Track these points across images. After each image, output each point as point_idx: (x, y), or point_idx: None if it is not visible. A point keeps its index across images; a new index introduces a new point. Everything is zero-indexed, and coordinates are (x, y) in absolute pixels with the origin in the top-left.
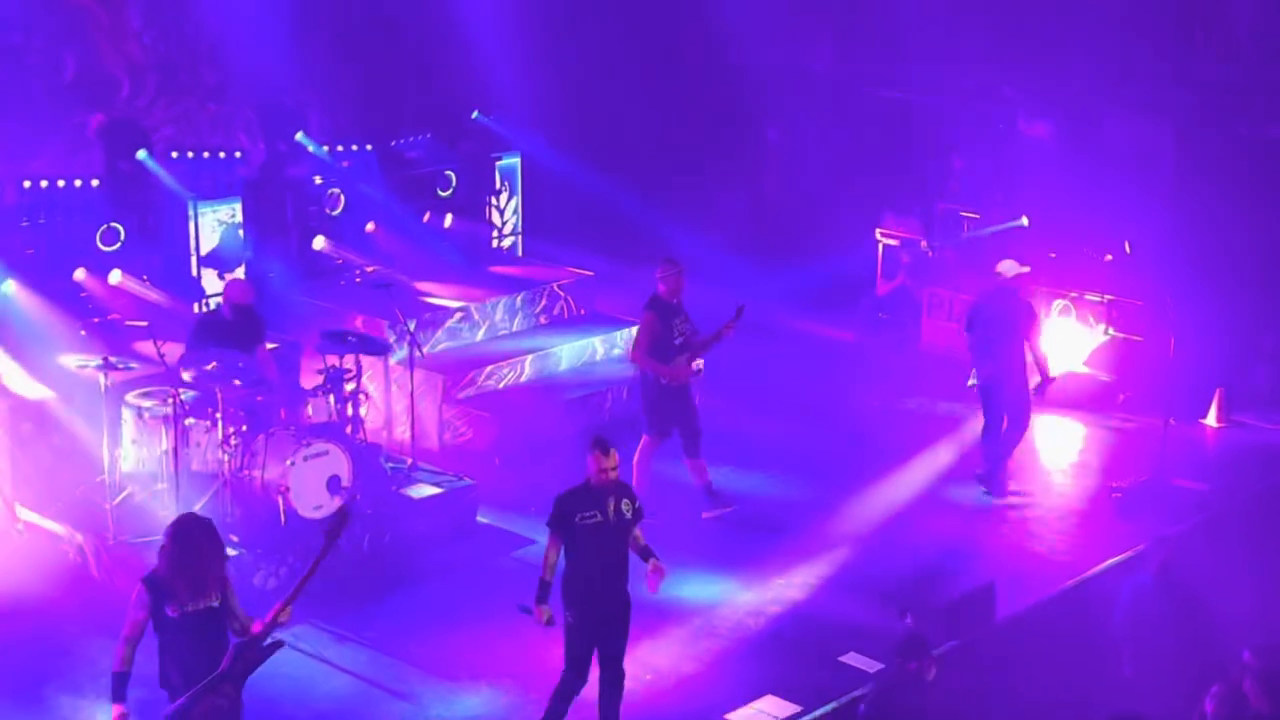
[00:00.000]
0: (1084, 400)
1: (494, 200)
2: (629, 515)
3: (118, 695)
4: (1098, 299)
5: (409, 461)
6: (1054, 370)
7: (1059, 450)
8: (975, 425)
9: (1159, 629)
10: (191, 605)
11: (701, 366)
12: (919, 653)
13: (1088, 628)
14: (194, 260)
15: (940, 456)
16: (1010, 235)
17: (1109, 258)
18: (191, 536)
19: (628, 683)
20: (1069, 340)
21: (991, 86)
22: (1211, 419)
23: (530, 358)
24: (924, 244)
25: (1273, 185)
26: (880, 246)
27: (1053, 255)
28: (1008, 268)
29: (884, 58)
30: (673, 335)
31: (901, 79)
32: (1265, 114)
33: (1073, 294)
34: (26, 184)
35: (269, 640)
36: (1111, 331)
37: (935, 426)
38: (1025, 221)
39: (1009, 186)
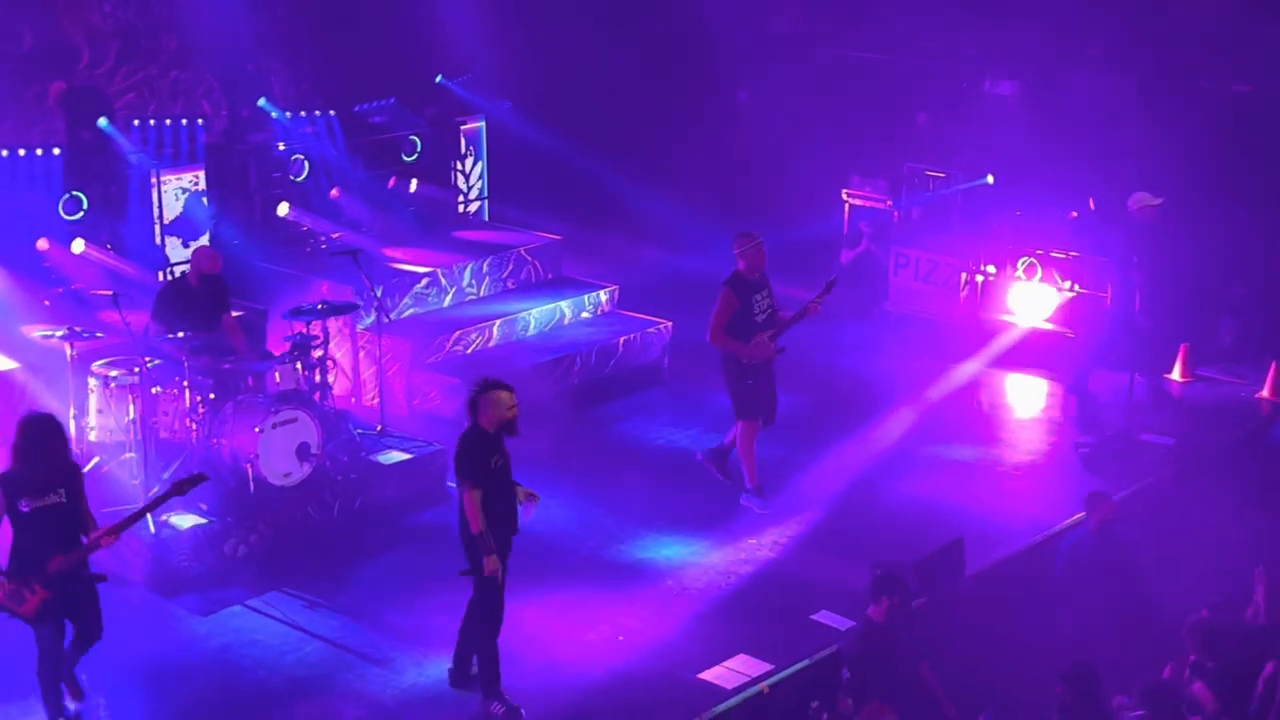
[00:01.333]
0: (1051, 357)
1: (459, 165)
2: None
3: (12, 571)
4: (1062, 256)
5: (378, 428)
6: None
7: (1025, 407)
8: (942, 385)
9: (1094, 583)
10: (41, 500)
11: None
12: (891, 589)
13: (1054, 581)
14: (157, 228)
15: (908, 416)
16: (976, 193)
17: (1074, 215)
18: (35, 431)
19: (600, 644)
20: (1034, 297)
21: (956, 46)
22: (1176, 374)
23: (498, 323)
24: (888, 204)
25: (1237, 140)
26: (846, 207)
27: (1018, 213)
28: (1138, 199)
29: (849, 19)
30: (754, 312)
31: (867, 40)
32: (1228, 68)
33: (1038, 251)
34: None
35: (88, 572)
36: (1076, 288)
37: (903, 387)
38: (990, 180)
39: (974, 145)
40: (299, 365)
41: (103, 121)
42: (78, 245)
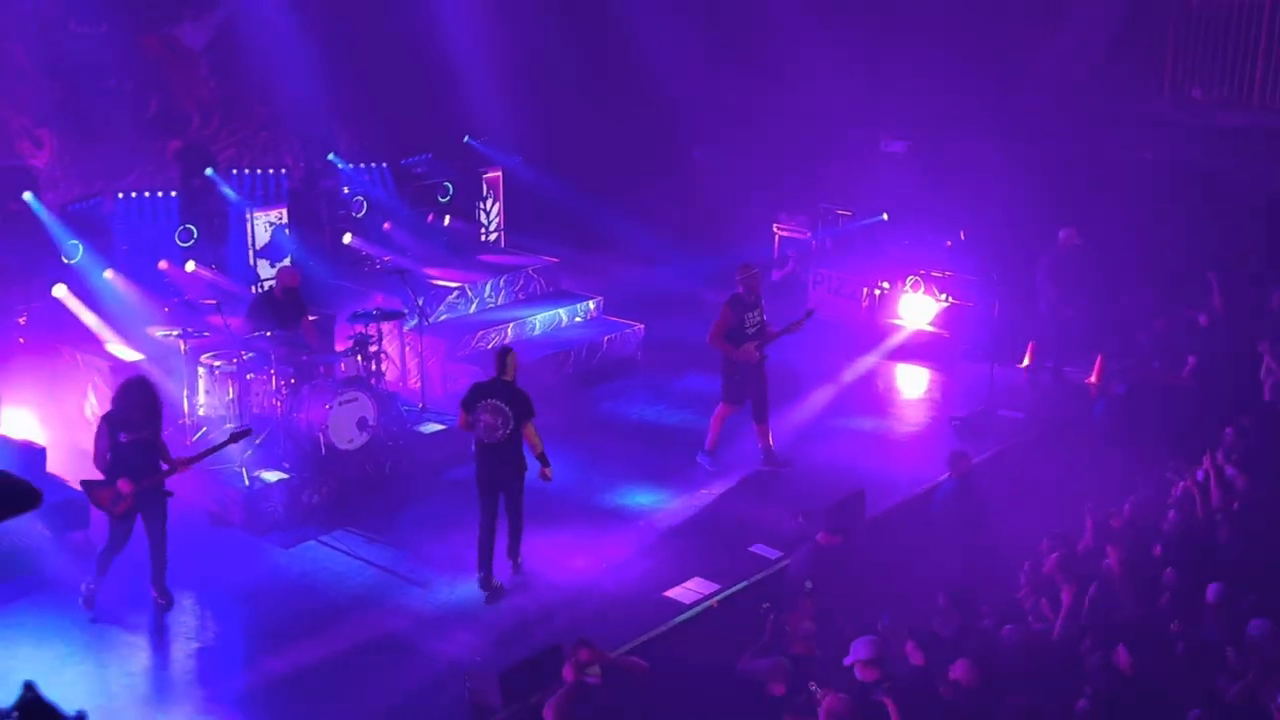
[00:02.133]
0: (931, 351)
1: (482, 205)
2: None
3: (111, 480)
4: (940, 275)
5: (420, 405)
6: None
7: (911, 390)
8: (849, 373)
9: (956, 523)
10: (134, 434)
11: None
12: (844, 528)
13: (930, 522)
14: (251, 253)
15: (823, 396)
16: (875, 227)
17: (949, 243)
18: (132, 388)
19: (589, 569)
20: (919, 306)
21: (861, 115)
22: (1026, 363)
23: (511, 325)
24: (808, 235)
25: (1069, 188)
26: (776, 238)
27: (906, 242)
28: (1066, 234)
29: (779, 94)
30: (745, 326)
31: (793, 110)
32: (1065, 133)
33: (921, 271)
34: (121, 195)
35: (163, 490)
36: (950, 299)
37: (821, 374)
38: (885, 217)
39: (873, 190)
40: (360, 357)
41: (209, 171)
42: (190, 266)
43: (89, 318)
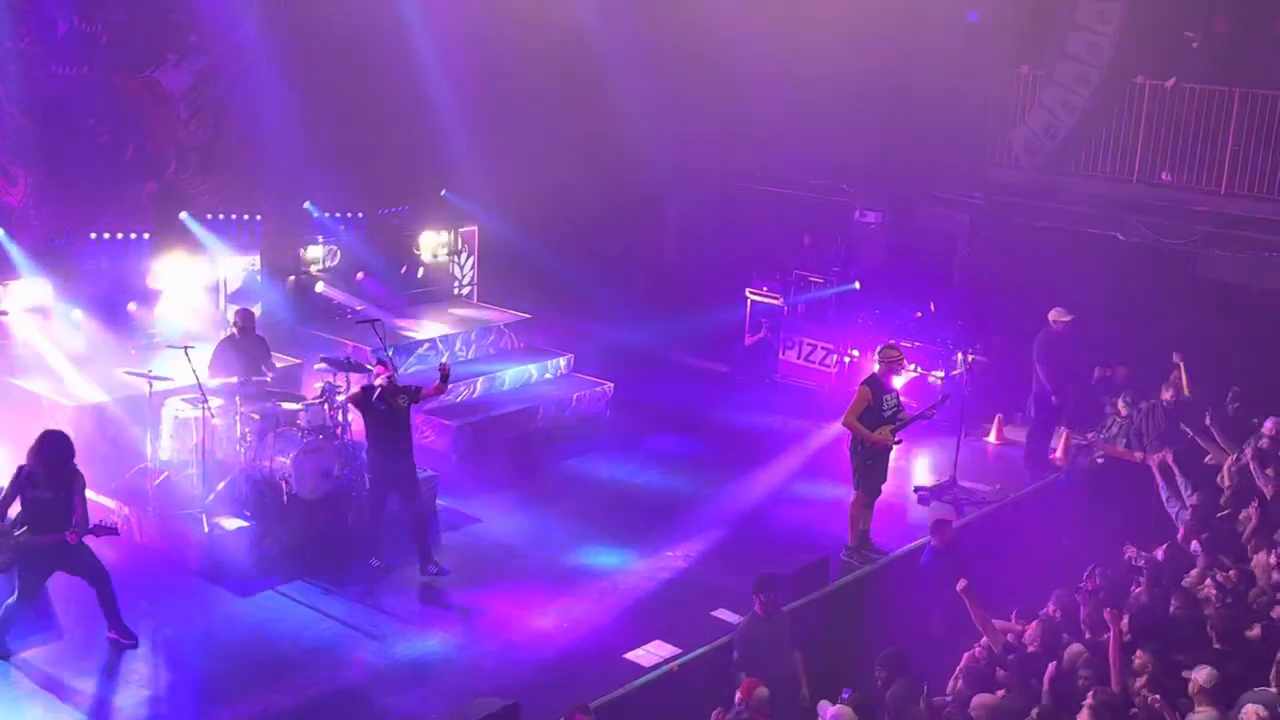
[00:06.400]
0: None
1: (457, 258)
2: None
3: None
4: (909, 344)
5: None
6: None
7: None
8: (815, 439)
9: (940, 586)
10: (35, 492)
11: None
12: (764, 589)
13: (896, 591)
14: (221, 298)
15: (791, 462)
16: (846, 295)
17: (919, 314)
18: (41, 446)
19: (550, 628)
20: None
21: (835, 185)
22: (992, 436)
23: (481, 379)
24: (780, 300)
25: (1038, 264)
26: (749, 303)
27: (877, 311)
28: (1055, 313)
29: (754, 159)
30: (883, 408)
31: (767, 176)
32: (1034, 210)
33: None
34: (94, 235)
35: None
36: (919, 370)
37: (788, 439)
38: (858, 285)
39: (846, 259)
40: (327, 407)
41: (184, 215)
42: (160, 309)
43: (56, 357)
